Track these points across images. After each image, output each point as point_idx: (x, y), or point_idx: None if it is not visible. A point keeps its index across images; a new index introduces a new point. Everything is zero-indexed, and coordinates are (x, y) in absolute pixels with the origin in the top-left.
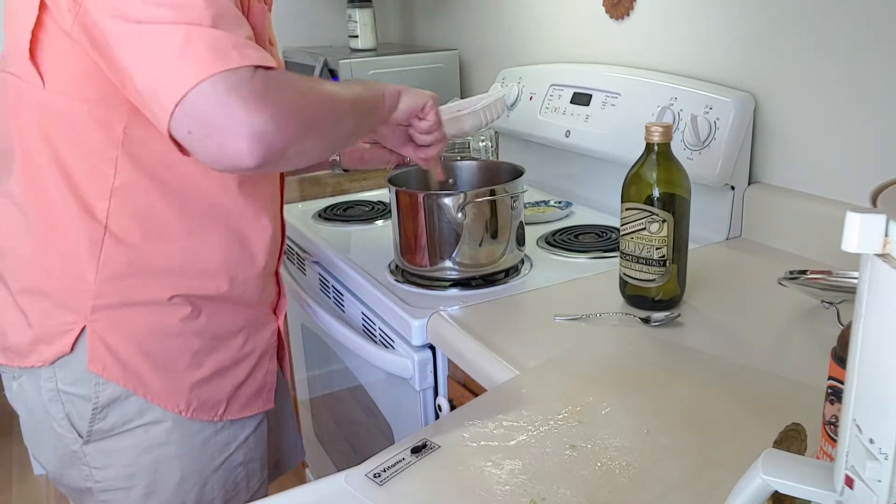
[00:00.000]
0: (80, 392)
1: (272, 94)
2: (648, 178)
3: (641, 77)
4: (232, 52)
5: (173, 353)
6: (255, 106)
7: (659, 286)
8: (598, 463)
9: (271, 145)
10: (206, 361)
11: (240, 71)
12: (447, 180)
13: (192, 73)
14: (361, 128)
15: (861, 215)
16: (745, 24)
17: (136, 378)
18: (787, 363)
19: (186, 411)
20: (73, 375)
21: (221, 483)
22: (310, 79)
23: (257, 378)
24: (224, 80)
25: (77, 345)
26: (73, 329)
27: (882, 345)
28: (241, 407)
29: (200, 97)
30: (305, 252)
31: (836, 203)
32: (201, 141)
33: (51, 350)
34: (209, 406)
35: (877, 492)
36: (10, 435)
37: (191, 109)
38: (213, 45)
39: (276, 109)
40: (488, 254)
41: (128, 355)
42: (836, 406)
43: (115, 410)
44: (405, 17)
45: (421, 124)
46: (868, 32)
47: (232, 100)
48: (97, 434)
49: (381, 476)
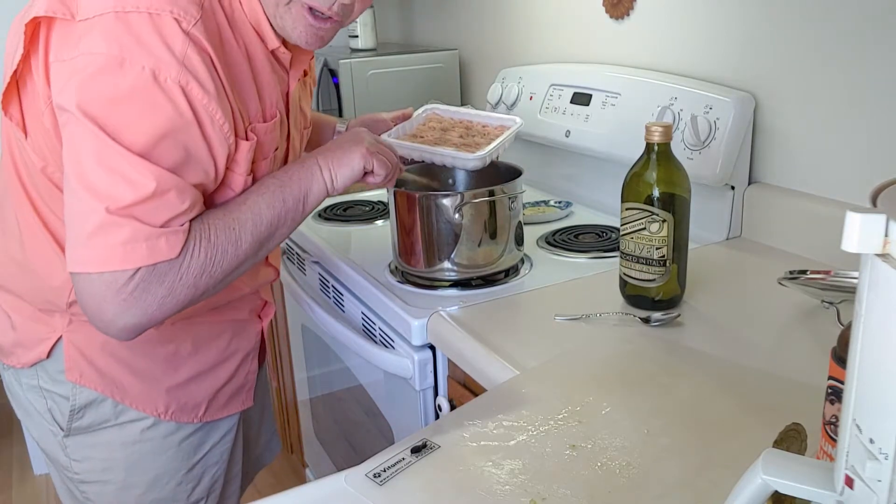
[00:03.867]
0: (60, 391)
1: (151, 292)
2: (648, 178)
3: (641, 77)
4: (140, 246)
5: (150, 360)
6: (126, 308)
7: (659, 286)
8: (598, 463)
9: (144, 327)
10: (183, 367)
11: (126, 273)
12: (432, 181)
13: (89, 260)
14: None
15: (861, 215)
16: (745, 24)
17: (112, 384)
18: (787, 363)
19: (165, 414)
20: (52, 376)
21: (196, 480)
22: (224, 228)
23: (238, 379)
24: (108, 281)
25: (54, 352)
26: (51, 337)
27: (882, 345)
28: (221, 407)
29: (84, 286)
30: (305, 252)
31: (836, 203)
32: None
33: (29, 355)
34: (188, 409)
35: (877, 492)
36: (10, 435)
37: (77, 285)
38: (123, 239)
39: (149, 308)
40: (487, 254)
41: (104, 363)
42: (836, 406)
43: (91, 411)
44: (405, 17)
45: (374, 180)
46: (868, 32)
47: (106, 303)
48: (76, 430)
49: (381, 476)
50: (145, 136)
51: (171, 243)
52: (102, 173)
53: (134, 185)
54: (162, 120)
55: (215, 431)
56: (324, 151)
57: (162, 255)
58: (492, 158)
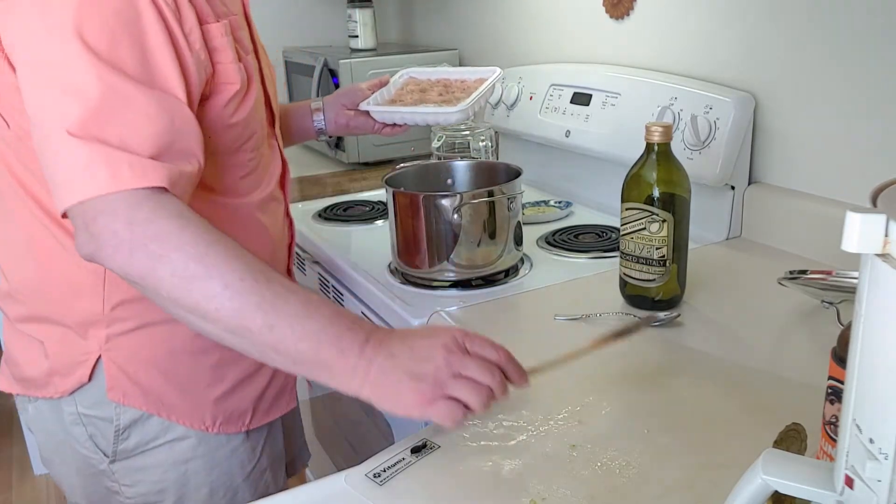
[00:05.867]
0: (102, 414)
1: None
2: (648, 178)
3: (641, 77)
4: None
5: (194, 371)
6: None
7: (659, 286)
8: (598, 463)
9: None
10: (228, 374)
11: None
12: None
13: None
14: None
15: (861, 215)
16: (745, 24)
17: (158, 401)
18: (787, 363)
19: (213, 427)
20: (93, 399)
21: (252, 489)
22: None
23: (279, 379)
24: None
25: (95, 374)
26: (89, 359)
27: (882, 345)
28: (266, 412)
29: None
30: (305, 252)
31: (836, 203)
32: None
33: (68, 382)
34: (235, 418)
35: (877, 492)
36: (10, 435)
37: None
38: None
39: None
40: (486, 255)
41: (147, 380)
42: (836, 406)
43: (137, 430)
44: (405, 17)
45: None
46: (868, 32)
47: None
48: (122, 453)
49: (381, 476)
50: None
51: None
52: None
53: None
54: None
55: (263, 435)
56: (384, 347)
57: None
58: (474, 111)
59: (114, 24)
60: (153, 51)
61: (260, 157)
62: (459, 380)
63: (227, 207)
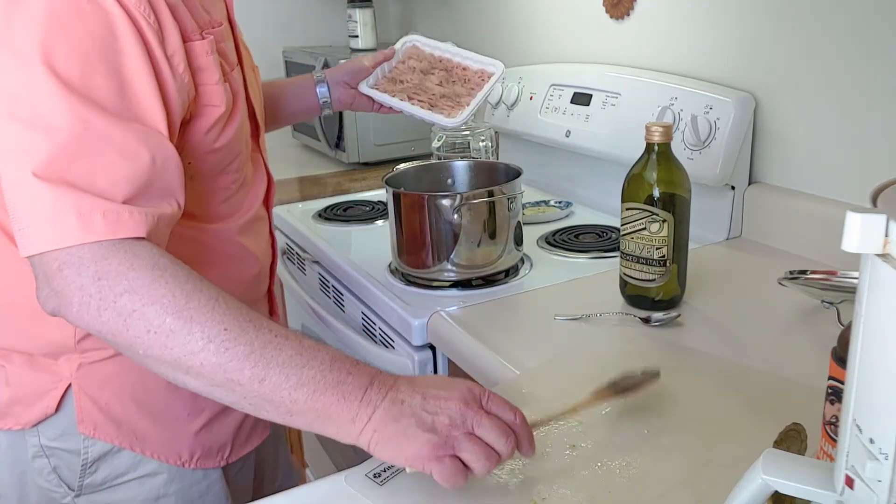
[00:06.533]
0: (68, 447)
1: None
2: (649, 178)
3: (641, 77)
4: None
5: (172, 401)
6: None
7: (659, 286)
8: (598, 463)
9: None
10: (208, 404)
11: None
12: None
13: (53, 237)
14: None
15: (861, 215)
16: (745, 24)
17: (131, 434)
18: (787, 363)
19: (190, 462)
20: (59, 430)
21: None
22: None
23: None
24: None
25: (63, 404)
26: (57, 388)
27: (882, 345)
28: (244, 442)
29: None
30: (305, 252)
31: (836, 203)
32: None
33: (32, 412)
34: (214, 451)
35: (877, 492)
36: None
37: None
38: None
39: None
40: (486, 255)
41: (121, 410)
42: (836, 406)
43: (106, 464)
44: (405, 17)
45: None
46: (868, 32)
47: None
48: (88, 487)
49: (381, 476)
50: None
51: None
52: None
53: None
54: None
55: (237, 470)
56: (391, 391)
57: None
58: (470, 119)
59: (87, 47)
60: (132, 79)
61: (244, 178)
62: (471, 439)
63: (208, 233)
